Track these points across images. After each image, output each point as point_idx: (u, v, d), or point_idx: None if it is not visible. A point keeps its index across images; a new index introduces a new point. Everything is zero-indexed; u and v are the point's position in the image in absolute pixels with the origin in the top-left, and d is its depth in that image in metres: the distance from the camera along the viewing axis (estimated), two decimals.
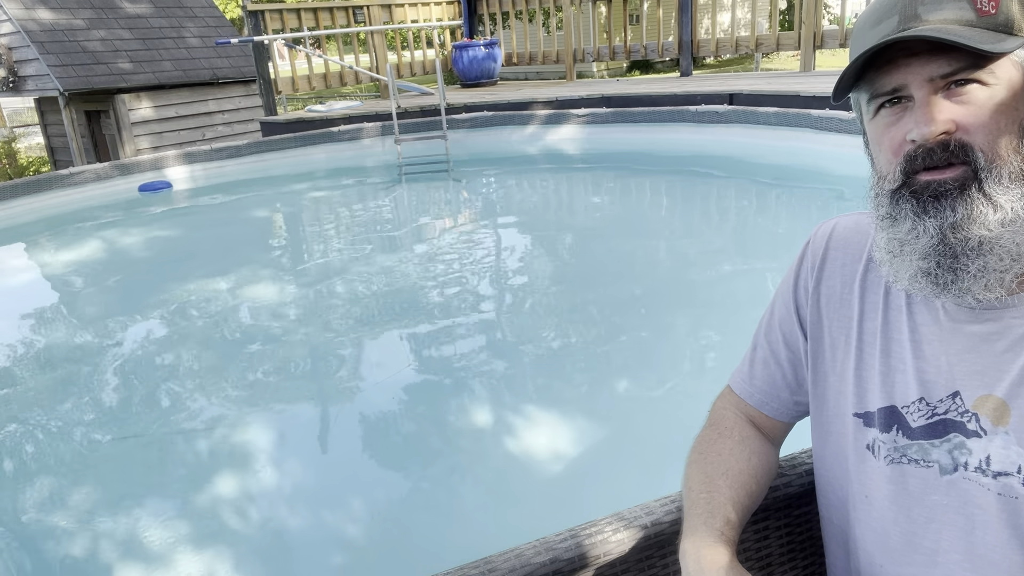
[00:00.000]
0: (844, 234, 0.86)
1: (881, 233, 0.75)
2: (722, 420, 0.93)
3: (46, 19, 9.52)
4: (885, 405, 0.77)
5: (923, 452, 0.75)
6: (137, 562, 1.96)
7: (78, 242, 5.45)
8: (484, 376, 2.98)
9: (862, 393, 0.80)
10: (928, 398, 0.75)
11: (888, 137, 0.72)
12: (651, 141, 6.59)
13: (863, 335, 0.81)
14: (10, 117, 16.28)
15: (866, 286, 0.82)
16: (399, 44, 9.10)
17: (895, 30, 0.69)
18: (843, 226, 0.87)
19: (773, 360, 0.91)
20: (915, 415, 0.75)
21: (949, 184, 0.68)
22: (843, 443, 0.82)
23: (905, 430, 0.76)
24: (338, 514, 2.13)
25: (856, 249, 0.84)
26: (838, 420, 0.83)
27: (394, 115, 6.81)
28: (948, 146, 0.68)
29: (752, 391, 0.93)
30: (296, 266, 4.69)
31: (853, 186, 5.12)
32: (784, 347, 0.89)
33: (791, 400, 0.91)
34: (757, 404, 0.92)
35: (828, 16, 20.00)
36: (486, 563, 0.83)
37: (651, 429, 2.48)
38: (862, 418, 0.79)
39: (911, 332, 0.77)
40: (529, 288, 3.96)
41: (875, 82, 0.72)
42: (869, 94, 0.73)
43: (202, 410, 2.78)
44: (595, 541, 0.85)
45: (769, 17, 17.53)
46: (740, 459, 0.87)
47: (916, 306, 0.77)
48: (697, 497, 0.83)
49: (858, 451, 0.80)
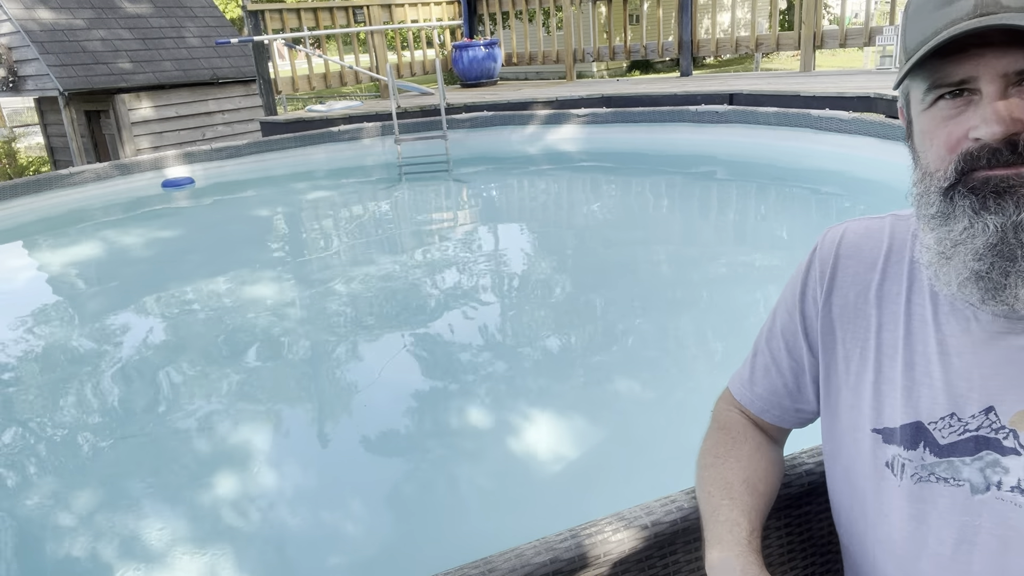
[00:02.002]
0: (855, 241, 0.81)
1: (929, 234, 0.69)
2: (733, 424, 0.91)
3: (46, 19, 9.52)
4: (910, 421, 0.73)
5: (953, 470, 0.70)
6: (137, 562, 1.96)
7: (91, 240, 5.45)
8: (484, 376, 2.98)
9: (881, 408, 0.75)
10: (959, 413, 0.70)
11: (945, 132, 0.66)
12: (651, 141, 6.59)
13: (882, 347, 0.76)
14: (10, 117, 16.28)
15: (883, 296, 0.77)
16: (399, 44, 9.10)
17: (970, 14, 0.62)
18: (853, 232, 0.82)
19: (775, 368, 0.88)
20: (944, 431, 0.71)
21: (1014, 180, 0.62)
22: (858, 459, 0.78)
23: (932, 447, 0.71)
24: (338, 514, 2.13)
25: (870, 257, 0.79)
26: (853, 435, 0.79)
27: (394, 115, 6.80)
28: (1016, 147, 0.62)
29: (753, 398, 0.90)
30: (296, 266, 4.69)
31: (853, 186, 5.13)
32: (786, 355, 0.86)
33: (792, 408, 0.88)
34: (758, 412, 0.90)
35: (828, 16, 19.99)
36: (486, 563, 0.83)
37: (651, 429, 2.48)
38: (881, 434, 0.75)
39: (939, 344, 0.72)
40: (529, 288, 3.96)
41: (938, 71, 0.64)
42: (928, 83, 0.66)
43: (202, 409, 2.78)
44: (595, 541, 0.85)
45: (769, 17, 17.53)
46: (758, 466, 0.86)
47: (943, 316, 0.72)
48: (719, 504, 0.81)
49: (877, 468, 0.76)
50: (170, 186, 6.63)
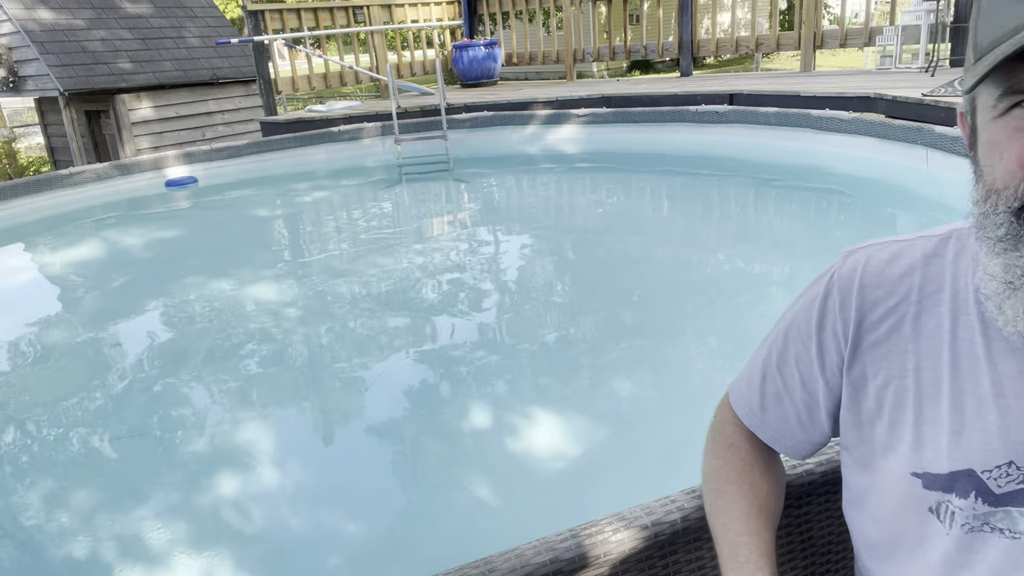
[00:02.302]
0: (880, 268, 0.72)
1: (994, 260, 0.62)
2: (739, 444, 0.86)
3: (46, 19, 9.52)
4: (960, 468, 0.66)
5: (1010, 521, 0.65)
6: (137, 561, 1.96)
7: (97, 239, 5.45)
8: (484, 376, 2.98)
9: (922, 452, 0.69)
10: (1019, 462, 0.64)
11: (1020, 144, 0.58)
12: (651, 141, 6.59)
13: (922, 387, 0.69)
14: (10, 117, 16.27)
15: (921, 330, 0.69)
16: (399, 44, 9.10)
17: None
18: (878, 259, 0.73)
19: (788, 398, 0.81)
20: (1001, 480, 0.65)
21: None
22: (893, 500, 0.72)
23: (986, 496, 0.65)
24: (338, 514, 2.13)
25: (901, 286, 0.71)
26: (886, 476, 0.72)
27: (394, 115, 6.81)
28: None
29: (763, 426, 0.84)
30: (296, 266, 4.69)
31: (853, 186, 5.13)
32: (801, 388, 0.79)
33: (805, 440, 0.83)
34: (768, 440, 0.85)
35: (828, 16, 20.00)
36: (486, 563, 0.83)
37: (651, 429, 2.48)
38: (922, 479, 0.69)
39: (993, 385, 0.65)
40: (529, 288, 3.96)
41: (1017, 74, 0.56)
42: (1003, 88, 0.58)
43: (202, 409, 2.78)
44: (595, 541, 0.85)
45: (769, 17, 17.55)
46: (770, 490, 0.83)
47: (998, 354, 0.65)
48: (737, 541, 0.78)
49: (918, 512, 0.70)
50: (174, 185, 6.64)
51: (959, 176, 3.27)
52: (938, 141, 4.44)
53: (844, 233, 4.44)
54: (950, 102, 4.53)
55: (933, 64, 6.15)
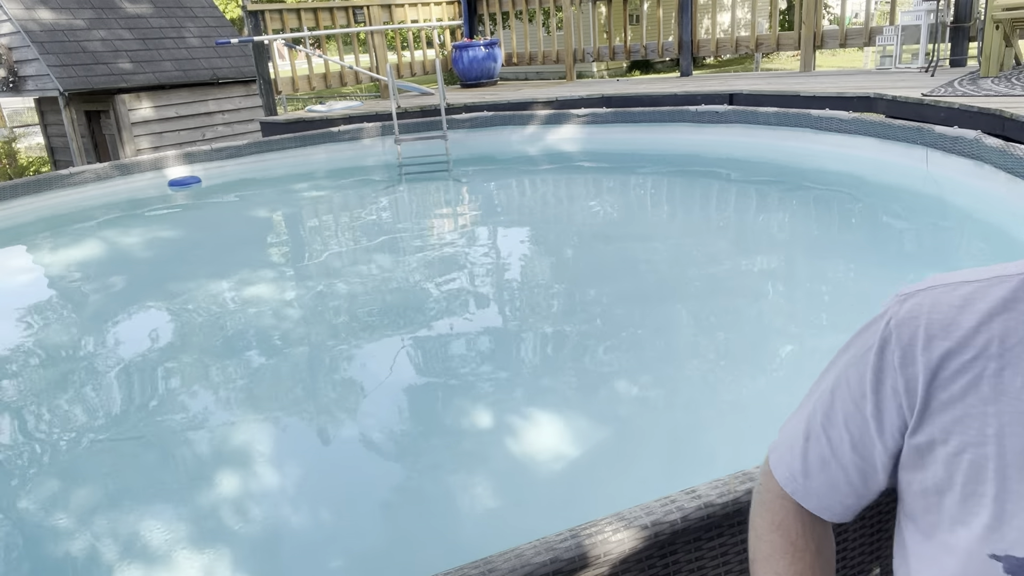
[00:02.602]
0: (950, 315, 0.62)
1: None
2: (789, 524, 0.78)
3: (46, 19, 9.53)
4: None
5: None
6: (137, 561, 1.96)
7: (100, 239, 5.45)
8: (484, 376, 2.98)
9: (1005, 531, 0.60)
10: None
11: None
12: (651, 141, 6.59)
13: (1005, 456, 0.60)
14: (10, 117, 16.28)
15: (1004, 389, 0.60)
16: (399, 44, 9.11)
17: None
18: (945, 304, 0.63)
19: (835, 463, 0.73)
20: None
21: None
22: None
23: None
24: (338, 514, 2.13)
25: (977, 338, 0.61)
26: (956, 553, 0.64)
27: (394, 115, 6.81)
28: None
29: (806, 495, 0.76)
30: (296, 266, 4.69)
31: (853, 186, 5.13)
32: (851, 451, 0.71)
33: (856, 506, 0.75)
34: (815, 509, 0.76)
35: (828, 16, 20.01)
36: (486, 563, 0.83)
37: (652, 429, 2.48)
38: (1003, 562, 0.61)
39: None
40: (529, 288, 3.96)
41: None
42: None
43: (204, 408, 2.78)
44: (595, 541, 0.85)
45: (769, 17, 17.54)
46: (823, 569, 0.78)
47: None
48: None
49: None
50: (177, 185, 6.64)
51: (959, 176, 3.32)
52: (938, 141, 4.44)
53: (844, 233, 4.45)
54: (950, 102, 4.53)
55: (933, 64, 6.15)
